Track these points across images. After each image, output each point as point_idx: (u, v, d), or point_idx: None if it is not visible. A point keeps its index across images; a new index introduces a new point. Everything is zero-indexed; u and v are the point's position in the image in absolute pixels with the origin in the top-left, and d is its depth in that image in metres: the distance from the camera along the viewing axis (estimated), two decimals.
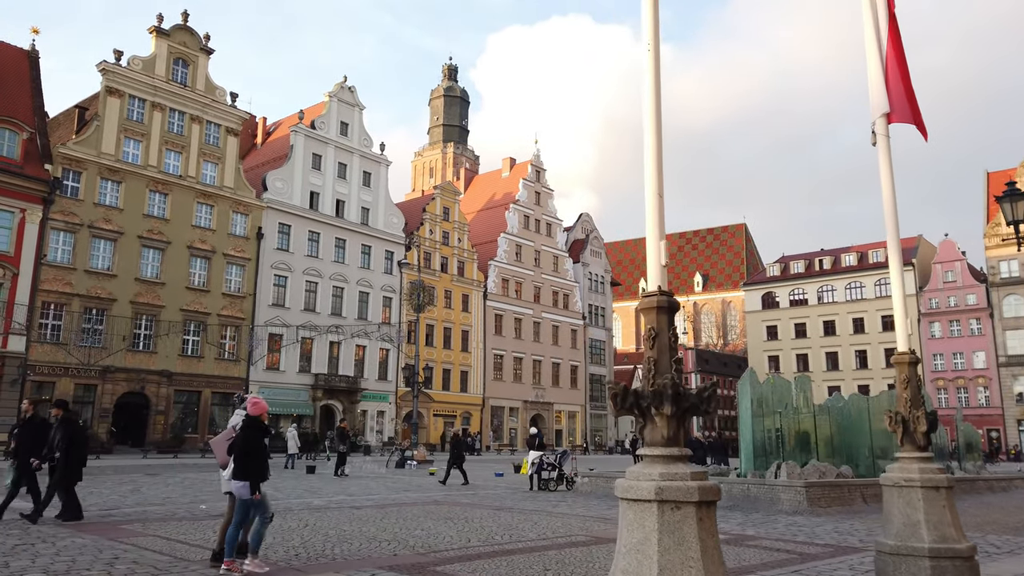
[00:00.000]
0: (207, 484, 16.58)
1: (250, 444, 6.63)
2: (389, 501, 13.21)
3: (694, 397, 3.67)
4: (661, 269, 3.89)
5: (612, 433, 71.63)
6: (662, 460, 3.65)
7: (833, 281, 71.88)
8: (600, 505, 12.69)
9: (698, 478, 3.58)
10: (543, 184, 68.09)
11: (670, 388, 3.62)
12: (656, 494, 3.49)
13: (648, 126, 4.04)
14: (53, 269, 35.93)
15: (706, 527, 3.53)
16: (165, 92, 40.96)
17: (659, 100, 4.06)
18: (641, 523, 3.54)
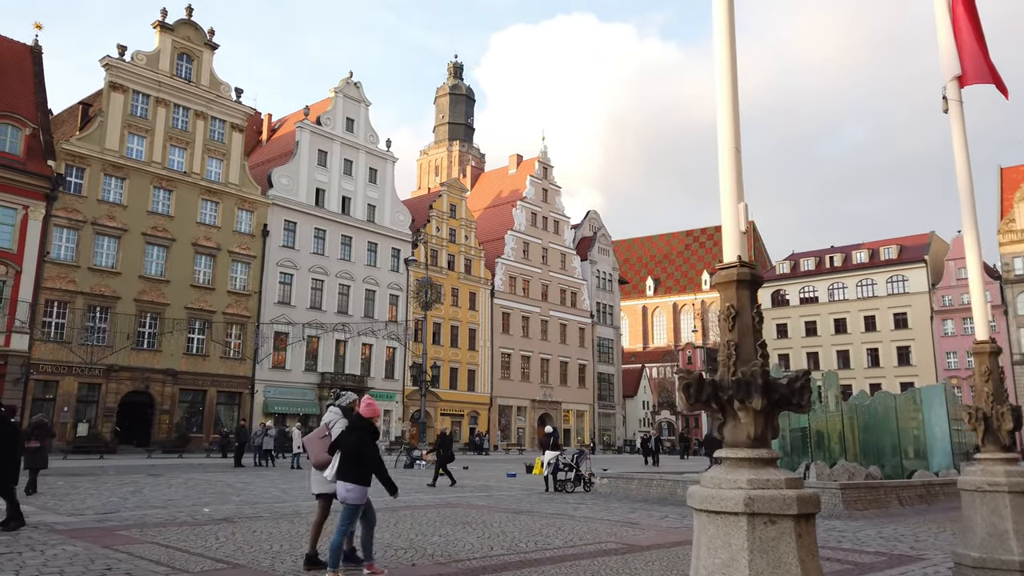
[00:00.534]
0: (211, 485, 16.00)
1: (365, 447, 6.28)
2: (401, 504, 12.59)
3: (784, 388, 3.05)
4: (741, 236, 3.27)
5: (620, 432, 70.96)
6: (749, 464, 3.03)
7: (844, 278, 71.01)
8: (622, 508, 12.06)
9: (794, 485, 2.96)
10: (550, 181, 67.43)
11: (760, 377, 3.00)
12: (746, 505, 2.86)
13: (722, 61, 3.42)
14: (56, 267, 35.45)
15: (806, 545, 2.91)
16: (169, 87, 40.45)
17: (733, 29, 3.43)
18: (726, 541, 2.91)
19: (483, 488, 16.82)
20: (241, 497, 13.20)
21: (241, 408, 41.86)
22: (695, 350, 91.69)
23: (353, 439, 6.32)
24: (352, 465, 6.24)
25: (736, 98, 3.42)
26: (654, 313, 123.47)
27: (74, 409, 35.47)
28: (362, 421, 6.50)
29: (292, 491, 14.77)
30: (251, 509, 11.12)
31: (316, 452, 6.70)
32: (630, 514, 11.19)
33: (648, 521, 10.19)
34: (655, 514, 11.30)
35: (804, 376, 3.08)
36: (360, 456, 6.24)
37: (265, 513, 10.55)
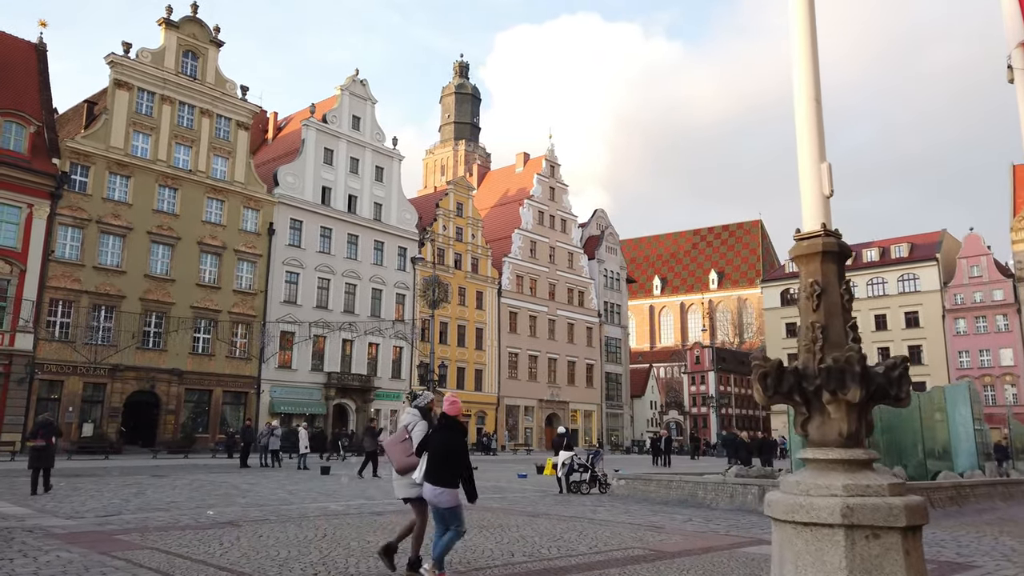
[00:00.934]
0: (216, 487, 15.59)
1: (453, 446, 6.05)
2: None
3: (881, 377, 2.59)
4: (823, 201, 2.81)
5: (628, 433, 70.40)
6: (843, 467, 2.56)
7: (854, 277, 70.13)
8: (643, 511, 11.57)
9: (898, 492, 2.49)
10: (557, 179, 66.93)
11: (857, 363, 2.54)
12: (843, 516, 2.40)
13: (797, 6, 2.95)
14: (61, 265, 35.14)
15: (914, 565, 2.44)
16: (174, 85, 40.12)
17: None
18: (818, 558, 2.45)
19: (495, 489, 16.35)
20: (247, 499, 12.77)
21: (247, 408, 41.51)
22: (703, 350, 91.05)
23: (443, 439, 6.05)
24: (441, 466, 5.96)
25: (815, 40, 2.95)
26: (661, 313, 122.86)
27: (79, 409, 35.16)
28: (450, 420, 6.23)
29: (299, 493, 14.33)
30: (257, 512, 10.69)
31: (398, 456, 6.38)
32: (651, 517, 10.71)
33: (672, 525, 9.71)
34: (677, 517, 10.83)
35: (902, 364, 2.63)
36: (449, 456, 5.96)
37: (272, 516, 10.12)
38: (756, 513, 11.45)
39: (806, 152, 2.85)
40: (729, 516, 11.02)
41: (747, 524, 9.98)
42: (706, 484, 12.80)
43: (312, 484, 16.93)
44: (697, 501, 12.69)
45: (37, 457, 13.10)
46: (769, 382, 2.66)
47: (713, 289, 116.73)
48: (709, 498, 12.60)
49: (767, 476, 14.94)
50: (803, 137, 2.88)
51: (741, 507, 12.01)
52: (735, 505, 12.14)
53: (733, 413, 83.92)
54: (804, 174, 2.85)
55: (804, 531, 2.51)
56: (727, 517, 10.87)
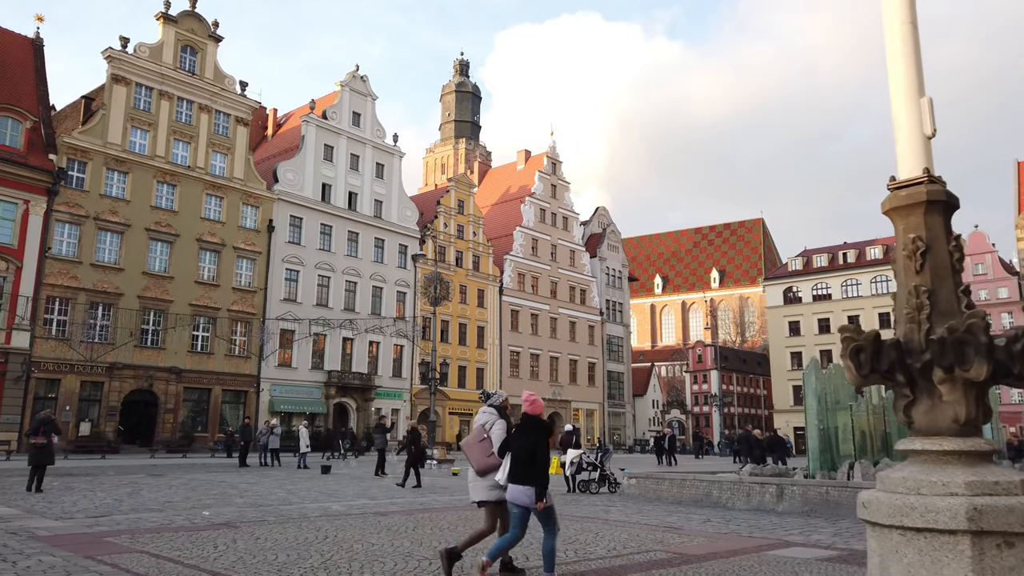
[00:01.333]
0: (212, 486, 15.12)
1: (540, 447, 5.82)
2: (417, 506, 11.68)
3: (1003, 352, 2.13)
4: (925, 142, 2.34)
5: (630, 432, 69.94)
6: (962, 459, 2.09)
7: (858, 275, 69.77)
8: (657, 511, 11.09)
9: None
10: (559, 177, 66.47)
11: (982, 332, 2.07)
12: (969, 520, 1.93)
13: None
14: (58, 262, 34.69)
15: None
16: (173, 80, 39.66)
17: None
18: (936, 571, 1.99)
19: None
20: (244, 499, 12.30)
21: (247, 407, 41.06)
22: (705, 348, 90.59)
23: (528, 439, 5.80)
24: (526, 466, 5.72)
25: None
26: (662, 311, 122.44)
27: (76, 408, 34.70)
28: (533, 420, 5.99)
29: (299, 492, 13.86)
30: (255, 512, 10.22)
31: (478, 456, 6.12)
32: (667, 518, 10.24)
33: (690, 526, 9.24)
34: (694, 517, 10.36)
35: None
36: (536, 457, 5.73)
37: (270, 517, 9.65)
38: (775, 513, 10.99)
39: (901, 87, 2.40)
40: (748, 516, 10.56)
41: (768, 525, 9.52)
42: (721, 483, 12.33)
43: (312, 484, 16.47)
44: (712, 501, 12.22)
45: (37, 454, 13.03)
46: (863, 359, 2.20)
47: (715, 288, 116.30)
48: (725, 497, 12.13)
49: (781, 475, 14.47)
50: (897, 69, 2.42)
51: (759, 507, 11.54)
52: (752, 505, 11.67)
53: (736, 412, 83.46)
54: (899, 112, 2.39)
55: (917, 539, 2.04)
56: (746, 518, 10.41)
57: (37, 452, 13.03)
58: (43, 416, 14.09)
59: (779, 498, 11.43)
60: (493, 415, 6.41)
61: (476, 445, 6.20)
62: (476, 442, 6.22)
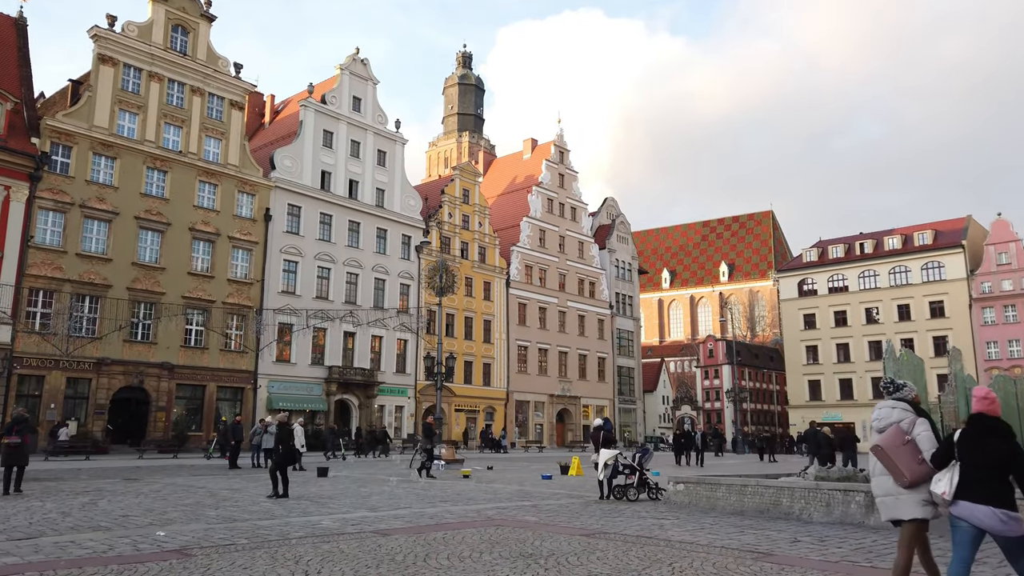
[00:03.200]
0: (189, 493, 13.12)
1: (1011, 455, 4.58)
2: (427, 519, 9.62)
3: None
4: None
5: (641, 428, 67.82)
6: None
7: (876, 266, 67.56)
8: (723, 526, 9.02)
9: None
10: (567, 166, 64.35)
11: None
12: None
13: None
14: (41, 252, 32.73)
15: None
16: (163, 61, 37.64)
17: None
18: None
19: (521, 495, 13.83)
20: (220, 510, 10.28)
21: (244, 404, 39.11)
22: (716, 343, 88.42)
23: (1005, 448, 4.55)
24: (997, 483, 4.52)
25: None
26: (670, 306, 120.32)
27: (61, 406, 32.73)
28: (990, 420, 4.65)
29: (287, 502, 11.81)
30: (224, 531, 8.18)
31: (908, 463, 4.88)
32: (742, 536, 8.18)
33: (783, 550, 7.18)
34: (775, 535, 8.31)
35: None
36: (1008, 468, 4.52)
37: (241, 539, 7.60)
38: (867, 528, 8.94)
39: None
40: (837, 533, 8.50)
41: (877, 547, 7.46)
42: (792, 490, 10.23)
43: (305, 489, 14.44)
44: (782, 512, 10.16)
45: (11, 455, 12.65)
46: None
47: (724, 282, 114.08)
48: (797, 508, 10.05)
49: (850, 478, 12.37)
50: None
51: (843, 520, 9.48)
52: (834, 518, 9.61)
53: (748, 408, 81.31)
54: None
55: None
56: (836, 535, 8.35)
57: (10, 452, 12.63)
58: (17, 414, 13.68)
59: (869, 509, 9.34)
60: (907, 411, 5.14)
61: (900, 449, 4.94)
62: (899, 445, 4.96)
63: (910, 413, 5.10)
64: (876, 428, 5.13)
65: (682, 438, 31.56)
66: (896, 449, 4.92)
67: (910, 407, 5.14)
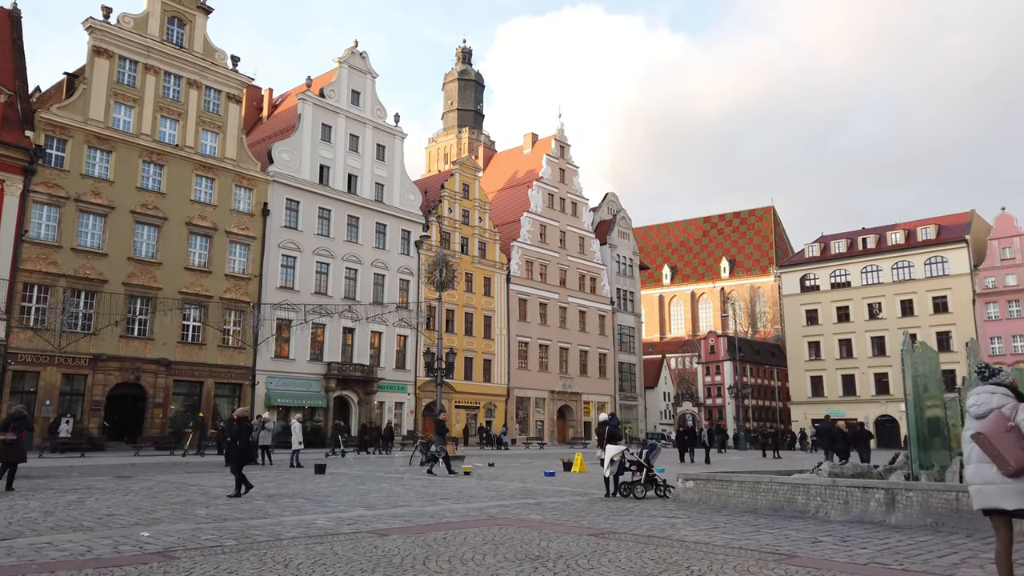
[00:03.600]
0: (180, 491, 12.71)
1: None
2: (426, 518, 9.19)
3: None
4: None
5: (642, 425, 67.43)
6: None
7: (878, 261, 67.13)
8: (737, 525, 8.57)
9: None
10: (568, 161, 63.86)
11: None
12: None
13: None
14: (36, 247, 32.29)
15: None
16: (159, 53, 37.14)
17: None
18: None
19: (524, 492, 13.40)
20: (210, 510, 9.85)
21: (242, 401, 38.66)
22: (718, 339, 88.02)
23: None
24: None
25: None
26: (671, 302, 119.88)
27: (57, 402, 32.29)
28: None
29: (280, 500, 11.38)
30: (212, 531, 7.76)
31: (1012, 451, 4.58)
32: (758, 536, 7.76)
33: (805, 551, 6.75)
34: (793, 535, 7.88)
35: None
36: None
37: (229, 539, 7.18)
38: (889, 527, 8.51)
39: None
40: (859, 533, 8.08)
41: (907, 548, 7.02)
42: (808, 487, 9.80)
43: (301, 487, 14.01)
44: (797, 509, 9.73)
45: (7, 452, 12.71)
46: None
47: (725, 278, 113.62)
48: (814, 506, 9.61)
49: (865, 474, 11.94)
50: None
51: (862, 518, 9.05)
52: (852, 516, 9.17)
53: (750, 404, 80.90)
54: None
55: None
56: (858, 535, 7.93)
57: (6, 449, 12.70)
58: (15, 411, 13.81)
59: (890, 507, 8.91)
60: (1008, 396, 4.87)
61: (1003, 436, 4.66)
62: (1001, 432, 4.69)
63: (1011, 398, 4.83)
64: (974, 415, 4.84)
65: (686, 435, 30.79)
66: (999, 436, 4.64)
67: (1010, 392, 4.87)
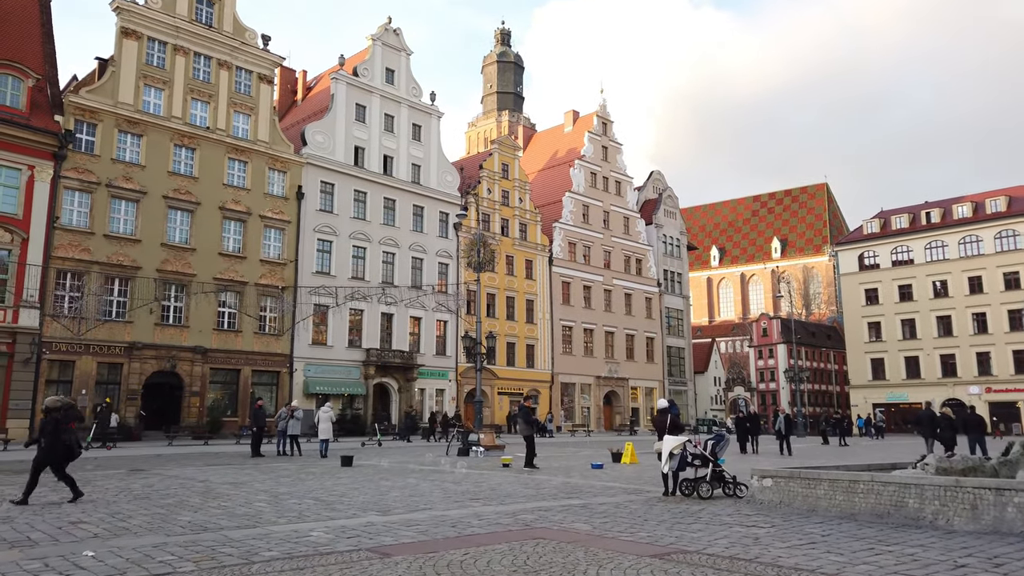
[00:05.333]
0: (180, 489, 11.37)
1: None
2: (446, 528, 7.56)
3: None
4: None
5: (692, 411, 65.02)
6: None
7: (943, 236, 63.20)
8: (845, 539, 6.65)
9: None
10: (610, 138, 61.49)
11: None
12: None
13: None
14: (68, 234, 31.71)
15: None
16: (188, 34, 36.20)
17: None
18: None
19: (568, 490, 11.68)
20: (198, 514, 8.40)
21: (279, 389, 37.89)
22: (771, 321, 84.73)
23: None
24: None
25: None
26: (720, 285, 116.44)
27: (93, 391, 31.78)
28: None
29: (286, 501, 9.88)
30: (176, 548, 6.24)
31: None
32: (875, 557, 5.90)
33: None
34: (921, 554, 5.99)
35: None
36: None
37: (187, 562, 5.62)
38: None
39: None
40: (1003, 550, 6.16)
41: None
42: (922, 488, 7.87)
43: (318, 483, 12.56)
44: (908, 516, 7.83)
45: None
46: None
47: (776, 258, 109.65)
48: (930, 511, 7.69)
49: (977, 468, 9.90)
50: None
51: (996, 528, 7.13)
52: (984, 525, 7.25)
53: (805, 389, 77.67)
54: None
55: None
56: (1005, 553, 6.02)
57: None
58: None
59: None
60: None
61: None
62: None
63: None
64: None
65: (747, 421, 26.36)
66: None
67: None
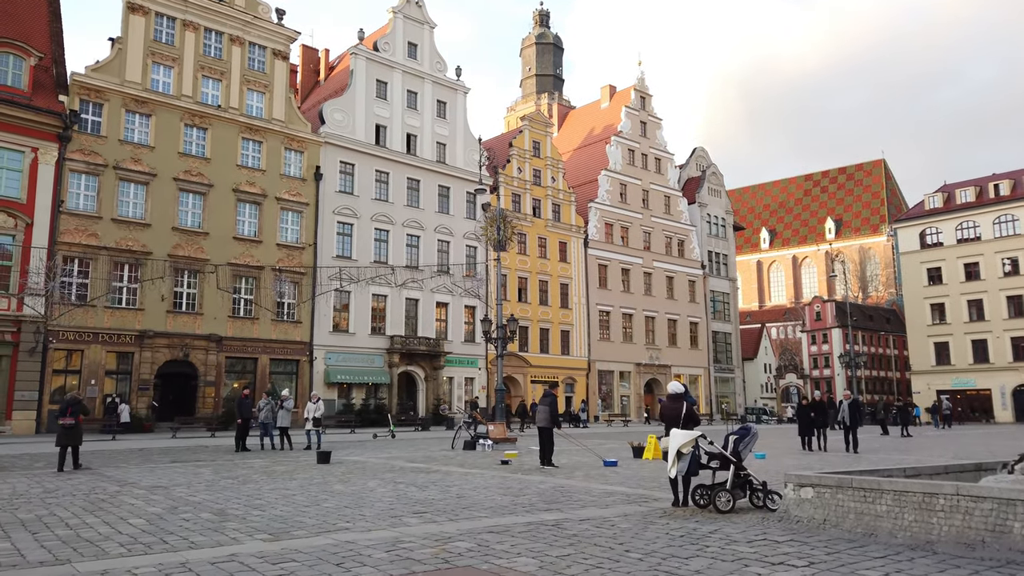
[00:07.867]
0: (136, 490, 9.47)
1: None
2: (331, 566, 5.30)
3: None
4: None
5: (740, 400, 61.73)
6: None
7: (1014, 209, 58.34)
8: None
9: None
10: (649, 112, 58.37)
11: None
12: None
13: None
14: (74, 218, 30.56)
15: None
16: (197, 8, 34.71)
17: None
18: None
19: (553, 497, 9.28)
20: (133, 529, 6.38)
21: (299, 378, 36.40)
22: (824, 304, 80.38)
23: None
24: None
25: None
26: (770, 268, 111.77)
27: (102, 382, 30.65)
28: None
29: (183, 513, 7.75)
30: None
31: None
32: None
33: None
34: None
35: None
36: None
37: None
38: None
39: None
40: None
41: None
42: None
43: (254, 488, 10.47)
44: (1013, 544, 5.35)
45: (66, 435, 13.56)
46: None
47: (830, 239, 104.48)
48: None
49: None
50: None
51: None
52: None
53: (863, 375, 73.37)
54: None
55: None
56: None
57: (66, 432, 13.56)
58: (70, 397, 14.53)
59: None
60: None
61: None
62: None
63: None
64: None
65: (812, 410, 20.89)
66: None
67: None
